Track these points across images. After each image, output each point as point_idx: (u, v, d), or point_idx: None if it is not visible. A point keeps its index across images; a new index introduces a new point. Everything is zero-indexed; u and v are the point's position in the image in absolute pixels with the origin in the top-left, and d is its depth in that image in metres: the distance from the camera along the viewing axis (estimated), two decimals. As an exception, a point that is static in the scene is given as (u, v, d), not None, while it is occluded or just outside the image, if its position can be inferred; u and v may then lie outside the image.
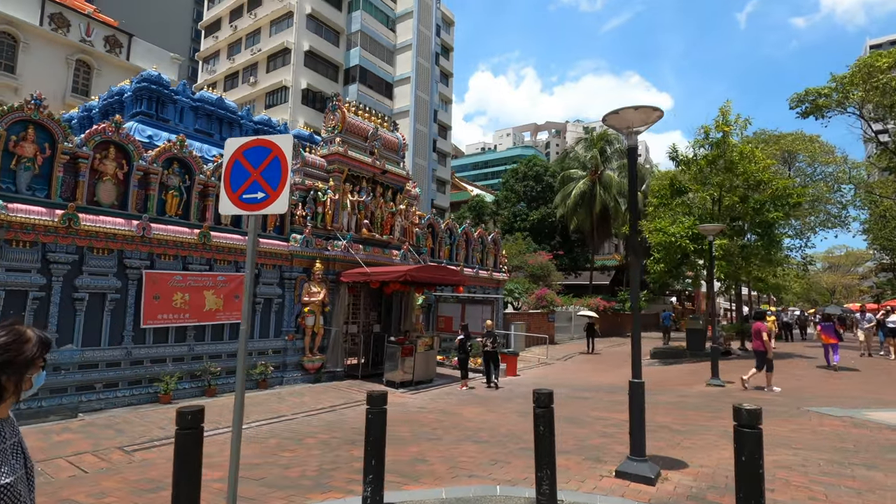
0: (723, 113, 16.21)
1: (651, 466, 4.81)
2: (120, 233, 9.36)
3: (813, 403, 8.67)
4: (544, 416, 4.05)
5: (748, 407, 3.47)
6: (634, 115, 5.10)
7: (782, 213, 15.59)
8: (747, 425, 3.45)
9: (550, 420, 4.08)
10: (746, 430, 3.45)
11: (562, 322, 28.36)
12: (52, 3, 28.05)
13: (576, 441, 6.51)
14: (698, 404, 8.85)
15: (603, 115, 5.24)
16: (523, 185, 39.12)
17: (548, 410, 4.08)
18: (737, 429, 3.50)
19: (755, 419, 3.44)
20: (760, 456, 3.41)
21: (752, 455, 3.41)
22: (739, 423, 3.48)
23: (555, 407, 8.59)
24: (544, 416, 4.05)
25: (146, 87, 12.50)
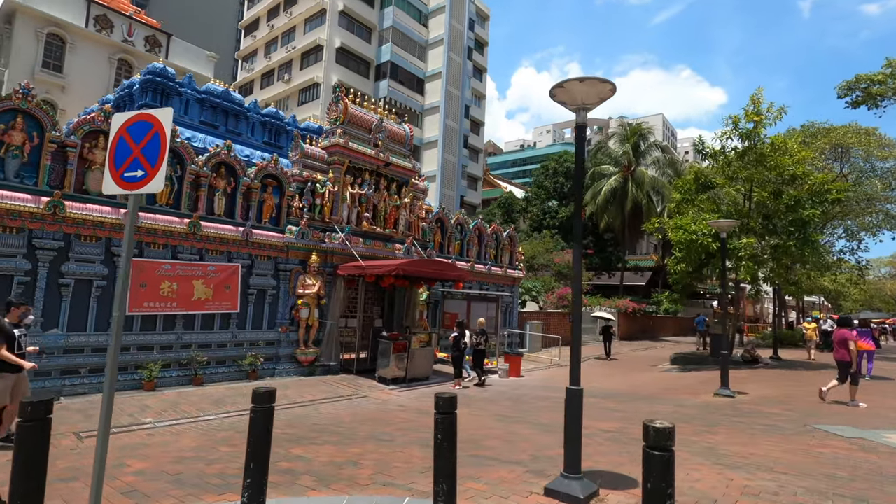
0: (753, 101, 14.95)
1: (585, 485, 4.26)
2: (107, 221, 9.49)
3: (827, 420, 7.73)
4: (443, 424, 3.60)
5: (658, 425, 2.91)
6: (581, 88, 4.54)
7: (819, 211, 14.21)
8: (655, 447, 2.89)
9: (450, 428, 3.62)
10: (655, 452, 2.88)
11: (586, 323, 27.33)
12: (96, 6, 29.45)
13: (534, 450, 5.98)
14: (693, 416, 8.07)
15: (549, 89, 4.70)
16: (553, 181, 38.04)
17: (448, 417, 3.63)
18: (644, 450, 2.94)
19: (664, 439, 2.87)
20: (669, 484, 2.84)
21: (658, 484, 2.84)
22: (647, 443, 2.92)
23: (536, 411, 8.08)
24: (443, 423, 3.60)
25: (151, 80, 12.74)
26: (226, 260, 11.34)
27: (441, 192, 42.09)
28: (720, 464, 5.38)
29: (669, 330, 34.88)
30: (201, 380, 10.54)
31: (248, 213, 11.79)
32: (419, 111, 43.46)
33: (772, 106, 14.79)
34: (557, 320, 23.71)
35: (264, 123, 15.27)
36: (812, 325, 17.60)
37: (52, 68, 27.84)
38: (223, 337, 11.24)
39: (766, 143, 14.63)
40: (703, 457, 5.65)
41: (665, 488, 2.84)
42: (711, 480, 4.84)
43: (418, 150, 43.40)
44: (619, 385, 11.99)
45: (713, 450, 5.95)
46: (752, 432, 6.93)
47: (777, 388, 11.18)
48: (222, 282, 11.19)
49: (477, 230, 18.65)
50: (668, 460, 2.87)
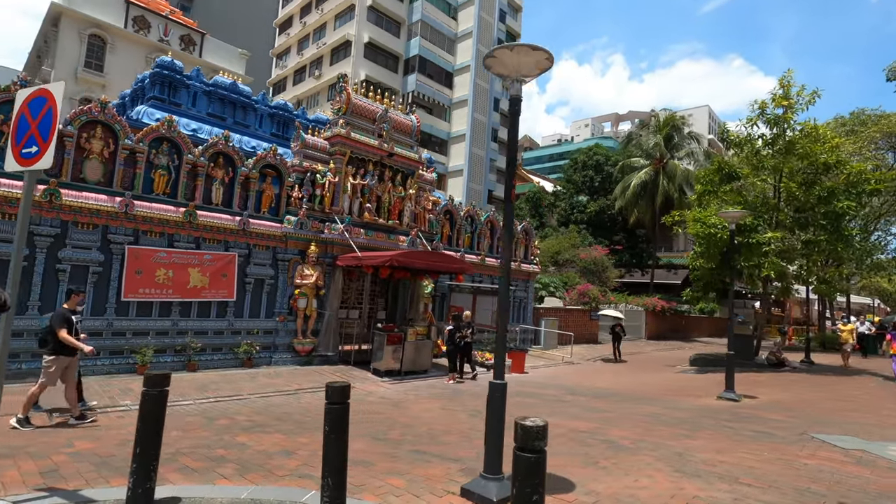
0: (783, 84, 13.85)
1: (504, 486, 3.94)
2: (104, 209, 9.76)
3: (831, 429, 7.01)
4: (332, 415, 3.38)
5: (528, 423, 2.58)
6: (513, 57, 4.20)
7: (854, 203, 13.03)
8: (525, 448, 2.56)
9: (339, 420, 3.39)
10: (524, 454, 2.56)
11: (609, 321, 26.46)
12: (135, 7, 30.74)
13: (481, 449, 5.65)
14: (682, 419, 7.51)
15: (483, 60, 4.38)
16: (582, 175, 36.98)
17: (338, 408, 3.40)
18: (514, 452, 2.61)
19: (533, 438, 2.54)
20: (535, 490, 2.51)
21: (523, 489, 2.52)
22: (516, 444, 2.60)
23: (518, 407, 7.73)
24: (332, 414, 3.38)
25: (159, 73, 13.05)
26: (223, 249, 11.49)
27: (468, 186, 41.76)
28: (681, 471, 4.91)
29: (705, 330, 33.32)
30: (195, 366, 10.73)
31: (246, 203, 11.91)
32: (447, 105, 43.19)
33: (803, 89, 13.67)
34: (576, 317, 23.00)
35: (272, 115, 15.42)
36: (848, 326, 16.25)
37: (93, 68, 29.25)
38: (219, 325, 11.41)
39: (797, 131, 13.55)
40: (665, 462, 5.19)
41: (530, 494, 2.51)
42: (660, 489, 4.41)
43: (446, 143, 43.19)
44: (622, 385, 11.42)
45: (682, 456, 5.46)
46: (737, 439, 6.35)
47: (793, 393, 10.33)
48: (219, 270, 11.35)
49: (489, 223, 18.27)
50: (535, 462, 2.54)
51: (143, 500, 3.50)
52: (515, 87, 4.38)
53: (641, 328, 28.35)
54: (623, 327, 17.43)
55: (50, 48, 29.72)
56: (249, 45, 54.70)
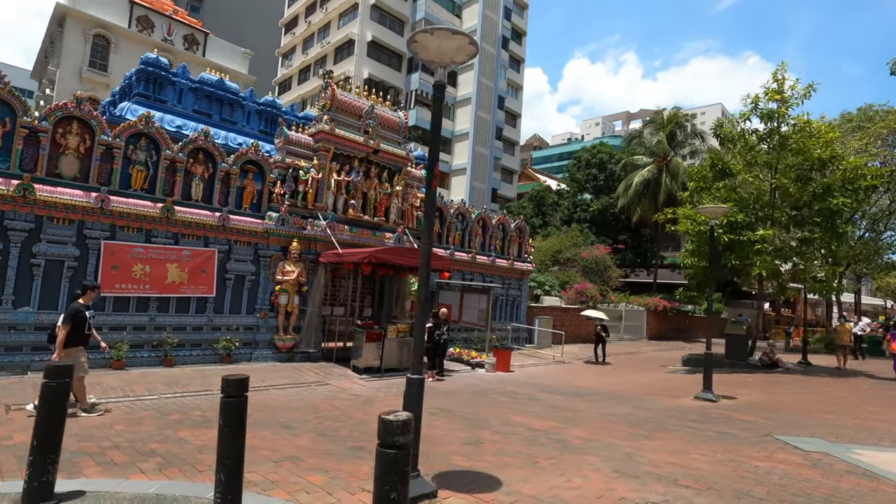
0: (776, 78, 13.48)
1: (418, 485, 3.81)
2: (79, 204, 9.80)
3: (801, 431, 6.76)
4: (227, 409, 3.29)
5: (390, 417, 2.45)
6: (435, 41, 4.07)
7: (850, 200, 12.63)
8: (385, 443, 2.43)
9: (235, 414, 3.30)
10: (384, 450, 2.43)
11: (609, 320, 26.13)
12: (139, 7, 31.08)
13: (432, 446, 5.53)
14: (646, 419, 7.30)
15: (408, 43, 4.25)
16: (585, 173, 36.58)
17: (234, 402, 3.30)
18: (377, 448, 2.49)
19: (395, 433, 2.41)
20: (394, 488, 2.39)
21: (382, 485, 2.39)
22: (378, 439, 2.47)
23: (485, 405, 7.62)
24: (228, 408, 3.29)
25: (144, 70, 13.12)
26: (202, 245, 11.49)
27: (471, 184, 41.61)
28: (620, 472, 4.74)
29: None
30: (172, 361, 10.75)
31: (227, 199, 11.90)
32: (451, 103, 43.06)
33: (797, 83, 13.29)
34: (573, 316, 22.70)
35: (260, 112, 15.45)
36: (847, 326, 15.91)
37: (98, 67, 29.64)
38: (198, 320, 11.41)
39: (790, 126, 13.18)
40: (609, 463, 5.02)
41: (388, 492, 2.39)
42: (590, 489, 4.24)
43: (449, 142, 43.07)
44: (604, 385, 11.19)
45: (630, 456, 5.28)
46: (696, 440, 6.14)
47: (775, 395, 10.03)
48: (198, 266, 11.35)
49: (480, 220, 18.10)
50: (395, 459, 2.42)
51: (40, 494, 3.44)
52: (440, 73, 4.25)
53: (642, 328, 27.95)
54: (606, 328, 16.91)
55: (55, 48, 30.19)
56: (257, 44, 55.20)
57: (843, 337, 15.22)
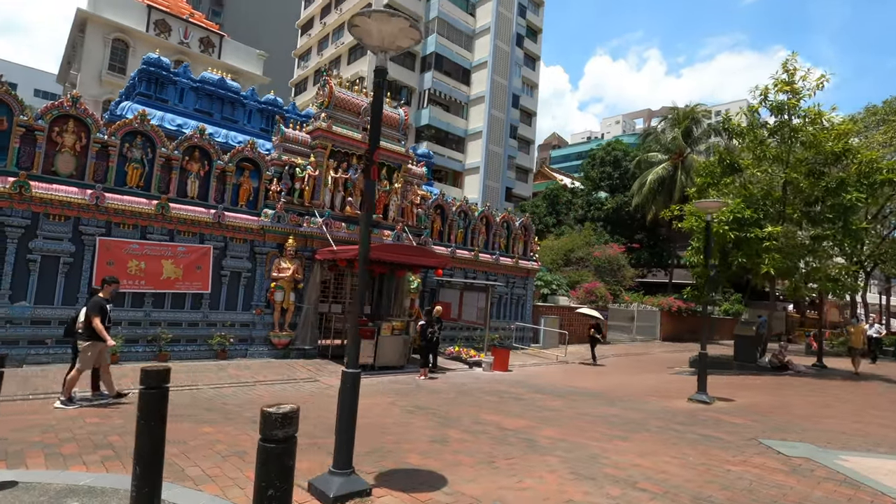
0: (786, 69, 12.95)
1: (350, 482, 3.69)
2: (75, 201, 9.99)
3: (791, 435, 6.42)
4: (145, 401, 3.22)
5: (271, 410, 2.34)
6: (375, 25, 3.96)
7: (864, 195, 12.02)
8: (266, 437, 2.32)
9: (155, 406, 3.23)
10: (264, 444, 2.32)
11: (620, 321, 25.68)
12: (156, 11, 31.80)
13: (387, 442, 5.41)
14: (631, 420, 7.03)
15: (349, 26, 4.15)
16: (599, 171, 35.96)
17: (152, 394, 3.24)
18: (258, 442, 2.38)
19: (275, 427, 2.30)
20: (271, 484, 2.27)
21: (260, 481, 2.28)
22: (259, 433, 2.36)
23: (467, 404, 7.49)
24: (145, 400, 3.22)
25: (145, 70, 13.34)
26: (198, 241, 11.60)
27: (485, 183, 41.36)
28: (579, 473, 4.54)
29: (728, 332, 31.77)
30: (167, 356, 10.86)
31: (223, 196, 12.00)
32: (464, 102, 42.88)
33: (808, 74, 12.73)
34: (581, 316, 22.30)
35: (262, 111, 15.56)
36: (859, 327, 15.28)
37: (117, 70, 30.40)
38: (194, 316, 11.53)
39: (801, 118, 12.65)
40: (570, 464, 4.81)
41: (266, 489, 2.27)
42: (540, 490, 4.06)
43: (462, 141, 42.91)
44: (600, 385, 10.90)
45: (595, 458, 5.06)
46: (673, 442, 5.87)
47: (777, 398, 9.60)
48: (193, 262, 11.47)
49: (484, 218, 17.91)
50: (275, 454, 2.30)
51: (-32, 482, 3.43)
52: (381, 58, 4.13)
53: (656, 329, 27.34)
54: (600, 327, 16.24)
55: (77, 53, 31.07)
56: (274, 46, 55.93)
57: (856, 339, 14.57)
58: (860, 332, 14.51)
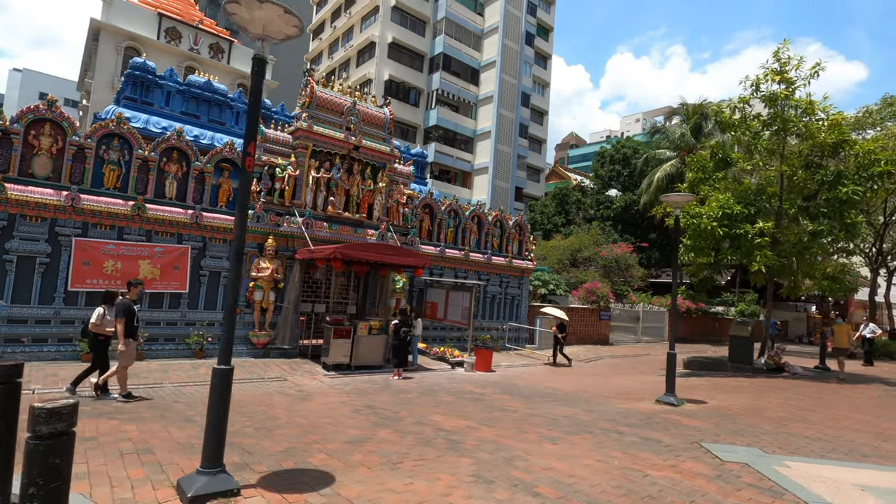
0: (777, 57, 12.39)
1: (216, 482, 3.58)
2: (51, 202, 10.22)
3: (746, 438, 6.05)
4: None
5: (39, 404, 2.25)
6: (244, 10, 3.85)
7: (861, 188, 11.38)
8: (33, 434, 2.23)
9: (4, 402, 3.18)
10: (31, 441, 2.23)
11: (624, 321, 25.13)
12: (167, 19, 32.59)
13: (302, 442, 5.29)
14: (577, 422, 6.75)
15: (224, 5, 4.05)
16: (609, 169, 35.28)
17: (3, 389, 3.19)
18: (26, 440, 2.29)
19: (41, 422, 2.21)
20: (33, 482, 2.18)
21: (24, 479, 2.20)
22: (27, 429, 2.27)
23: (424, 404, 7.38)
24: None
25: (131, 74, 13.59)
26: (176, 241, 11.74)
27: (493, 183, 41.06)
28: (480, 476, 4.34)
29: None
30: (142, 355, 10.99)
31: (201, 197, 12.12)
32: (473, 102, 42.68)
33: (801, 62, 12.13)
34: (583, 316, 21.89)
35: (249, 113, 15.68)
36: (844, 327, 13.65)
37: (129, 78, 31.22)
38: (172, 315, 11.67)
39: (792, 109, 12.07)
40: (480, 466, 4.62)
41: (27, 486, 2.18)
42: (422, 493, 3.89)
43: (471, 141, 42.70)
44: (573, 387, 10.57)
45: (512, 460, 4.85)
46: (607, 445, 5.60)
47: (753, 400, 9.12)
48: (170, 262, 11.61)
49: (475, 217, 17.71)
50: (41, 451, 2.21)
51: None
52: (259, 46, 4.03)
53: (664, 330, 26.65)
54: (564, 327, 15.37)
55: (92, 61, 32.06)
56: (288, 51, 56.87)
57: (841, 339, 13.22)
58: (845, 331, 13.34)
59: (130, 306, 7.55)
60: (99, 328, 7.61)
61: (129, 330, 7.43)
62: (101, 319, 7.70)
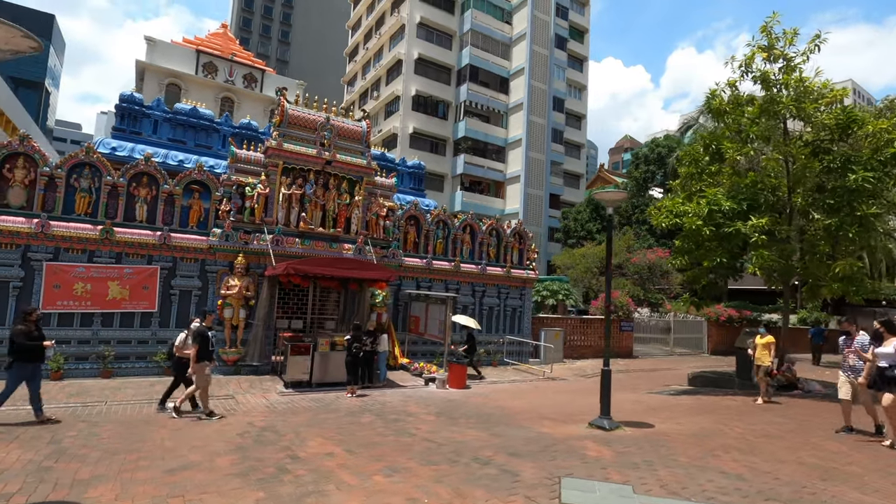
0: (767, 32, 10.94)
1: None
2: (23, 230, 10.92)
3: (639, 473, 5.09)
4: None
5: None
6: None
7: (871, 174, 9.66)
8: None
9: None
10: None
11: (652, 332, 23.30)
12: (204, 55, 34.90)
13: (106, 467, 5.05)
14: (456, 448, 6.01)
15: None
16: (644, 170, 33.27)
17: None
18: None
19: None
20: None
21: None
22: None
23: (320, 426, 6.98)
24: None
25: (119, 106, 14.43)
26: (145, 262, 12.16)
27: (525, 191, 40.04)
28: None
29: (800, 345, 27.56)
30: (110, 373, 11.42)
31: (172, 218, 12.52)
32: (504, 111, 42.07)
33: (794, 36, 10.62)
34: (599, 327, 20.49)
35: (236, 135, 16.19)
36: (764, 340, 10.42)
37: (171, 112, 33.65)
38: (143, 334, 12.05)
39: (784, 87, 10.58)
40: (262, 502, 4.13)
41: None
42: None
43: (503, 150, 42.03)
44: (529, 407, 9.61)
45: (299, 499, 4.30)
46: (446, 480, 4.88)
47: (718, 425, 7.78)
48: (139, 283, 12.03)
49: (467, 227, 17.13)
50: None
51: None
52: None
53: (703, 341, 24.43)
54: (473, 337, 14.04)
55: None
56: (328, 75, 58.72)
57: (761, 356, 10.28)
58: (763, 346, 10.30)
59: (205, 332, 8.15)
60: (180, 351, 8.37)
61: (204, 354, 8.02)
62: (183, 343, 8.46)
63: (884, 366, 6.65)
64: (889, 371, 6.60)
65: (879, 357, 6.72)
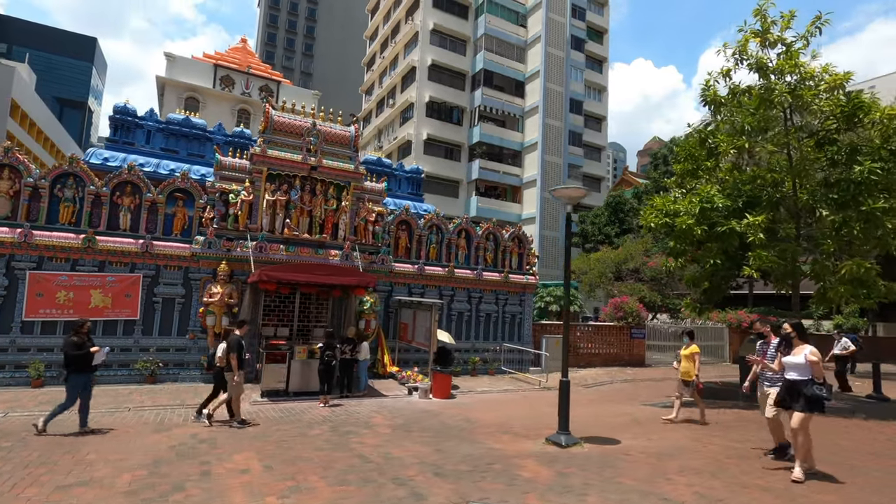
0: (760, 16, 10.13)
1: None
2: (7, 239, 11.14)
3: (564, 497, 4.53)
4: None
5: None
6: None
7: (879, 165, 8.71)
8: None
9: None
10: None
11: (667, 340, 22.20)
12: (221, 69, 35.78)
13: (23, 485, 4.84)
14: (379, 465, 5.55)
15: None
16: (662, 171, 32.04)
17: None
18: None
19: None
20: None
21: None
22: None
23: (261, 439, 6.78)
24: None
25: (113, 118, 14.70)
26: (128, 270, 12.22)
27: (541, 196, 39.26)
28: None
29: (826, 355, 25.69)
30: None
31: (156, 227, 12.58)
32: (519, 115, 41.49)
33: (790, 19, 9.78)
34: (608, 335, 19.60)
35: (230, 143, 16.28)
36: (687, 351, 9.11)
37: (190, 125, 34.58)
38: (126, 342, 12.09)
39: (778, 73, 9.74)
40: None
41: None
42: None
43: (519, 155, 41.41)
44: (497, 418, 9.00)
45: None
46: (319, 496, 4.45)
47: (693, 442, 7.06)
48: (122, 291, 12.09)
49: (462, 232, 16.68)
50: None
51: None
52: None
53: (724, 349, 23.11)
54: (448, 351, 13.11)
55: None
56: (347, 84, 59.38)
57: (685, 369, 9.04)
58: (687, 356, 9.06)
59: (240, 341, 8.35)
60: (222, 361, 8.45)
61: (239, 363, 8.21)
62: (224, 353, 8.55)
63: (794, 378, 5.58)
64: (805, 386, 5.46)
65: (788, 367, 5.70)
